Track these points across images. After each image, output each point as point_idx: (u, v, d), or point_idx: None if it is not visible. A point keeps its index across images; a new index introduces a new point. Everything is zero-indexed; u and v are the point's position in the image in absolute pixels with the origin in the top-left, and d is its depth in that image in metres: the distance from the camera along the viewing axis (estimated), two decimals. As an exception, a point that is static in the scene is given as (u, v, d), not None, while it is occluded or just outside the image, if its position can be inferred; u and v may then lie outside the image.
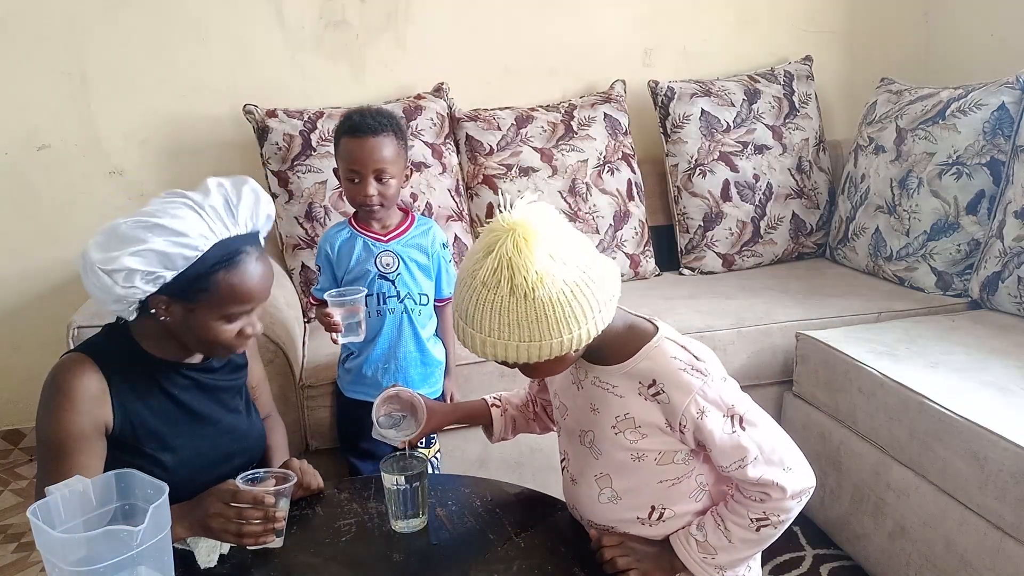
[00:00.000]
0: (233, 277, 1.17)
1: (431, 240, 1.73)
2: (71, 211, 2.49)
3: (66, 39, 2.37)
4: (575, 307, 0.97)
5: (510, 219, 0.97)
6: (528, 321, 0.96)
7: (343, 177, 1.67)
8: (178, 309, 1.17)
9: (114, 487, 1.05)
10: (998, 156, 2.14)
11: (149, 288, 1.13)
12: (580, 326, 0.98)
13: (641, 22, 2.75)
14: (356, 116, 1.64)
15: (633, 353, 1.07)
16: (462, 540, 1.22)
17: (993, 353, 1.80)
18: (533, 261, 0.95)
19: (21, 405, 2.61)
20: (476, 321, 0.99)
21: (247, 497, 1.14)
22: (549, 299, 0.96)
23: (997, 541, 1.46)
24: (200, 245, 1.14)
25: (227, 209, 1.18)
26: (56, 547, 0.93)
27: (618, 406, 1.09)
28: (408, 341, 1.71)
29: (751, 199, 2.56)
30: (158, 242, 1.11)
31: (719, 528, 1.08)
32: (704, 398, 1.03)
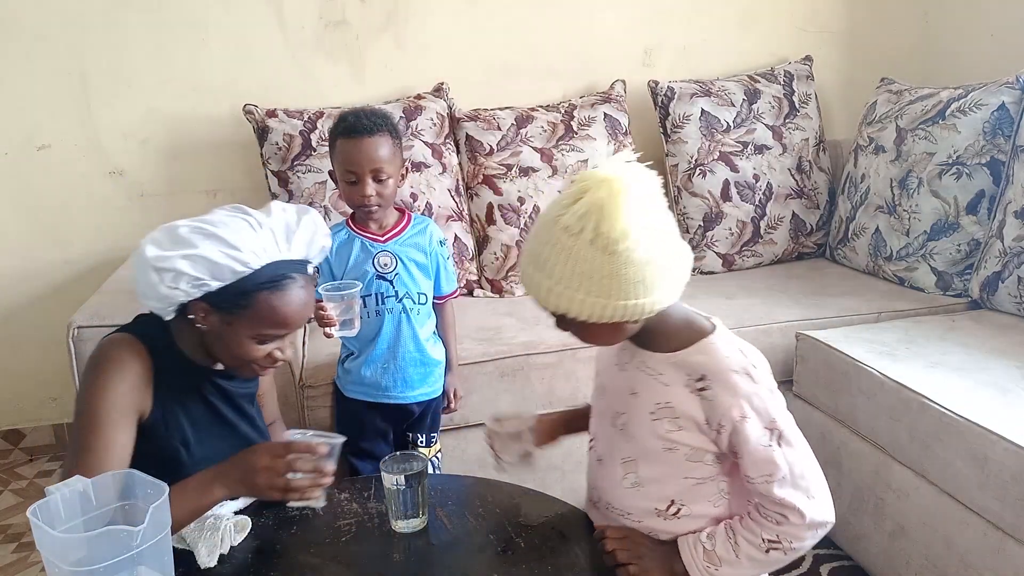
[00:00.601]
0: (275, 299, 1.17)
1: (428, 238, 1.73)
2: (71, 211, 2.49)
3: (66, 39, 2.38)
4: (650, 273, 0.97)
5: (607, 171, 0.97)
6: (601, 276, 0.95)
7: (340, 179, 1.66)
8: (215, 319, 1.18)
9: (114, 487, 1.05)
10: (998, 156, 2.14)
11: (193, 292, 1.14)
12: (648, 294, 0.97)
13: (641, 22, 2.75)
14: (351, 117, 1.63)
15: (687, 345, 1.06)
16: (462, 540, 1.22)
17: (993, 353, 1.80)
18: (623, 214, 0.94)
19: (21, 405, 2.61)
20: (548, 267, 0.98)
21: (300, 447, 1.14)
22: (629, 257, 0.95)
23: (997, 541, 1.46)
24: (251, 262, 1.15)
25: (285, 233, 1.20)
26: (56, 547, 0.93)
27: (660, 394, 1.07)
28: (407, 341, 1.70)
29: (751, 199, 2.56)
30: (211, 250, 1.13)
31: (729, 541, 1.07)
32: (749, 404, 1.02)
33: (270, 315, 1.18)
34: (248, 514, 1.26)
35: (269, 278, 1.17)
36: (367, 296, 1.68)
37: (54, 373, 2.46)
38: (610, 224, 0.94)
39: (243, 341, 1.19)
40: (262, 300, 1.16)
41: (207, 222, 1.16)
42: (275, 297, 1.17)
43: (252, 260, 1.15)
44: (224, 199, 2.57)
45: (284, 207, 1.23)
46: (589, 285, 0.96)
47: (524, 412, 1.31)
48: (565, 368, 1.98)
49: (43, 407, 2.62)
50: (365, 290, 1.66)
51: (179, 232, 1.15)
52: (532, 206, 2.40)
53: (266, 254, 1.17)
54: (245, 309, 1.16)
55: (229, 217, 1.18)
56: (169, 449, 1.21)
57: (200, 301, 1.16)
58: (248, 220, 1.18)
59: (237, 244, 1.14)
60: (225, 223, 1.16)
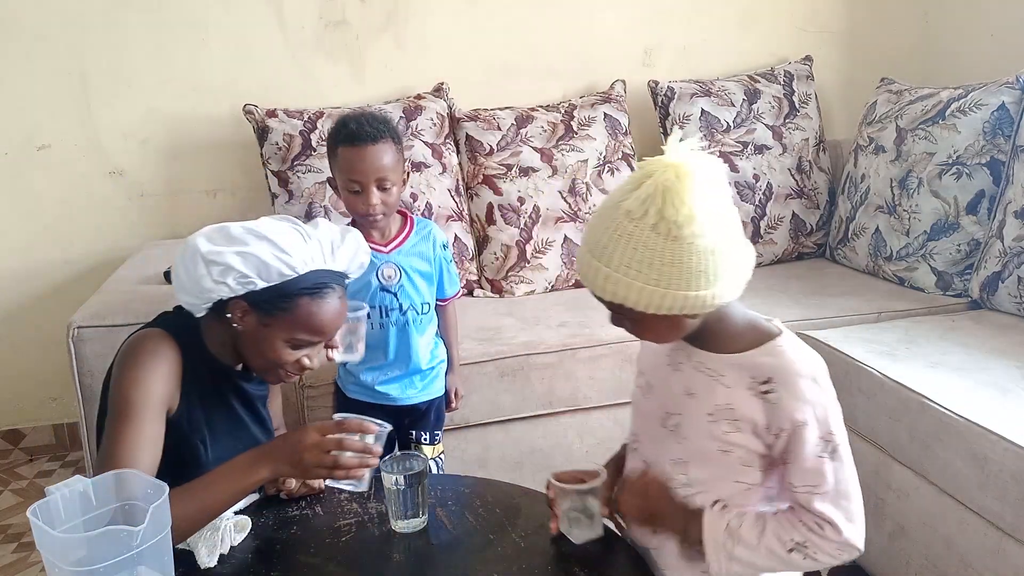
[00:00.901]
0: (314, 306, 1.20)
1: (432, 244, 1.70)
2: (71, 211, 2.49)
3: (66, 39, 2.38)
4: (713, 263, 0.94)
5: (672, 156, 0.94)
6: (662, 263, 0.93)
7: (342, 188, 1.61)
8: (253, 320, 1.20)
9: (114, 487, 1.05)
10: (998, 156, 2.14)
11: (237, 289, 1.16)
12: (710, 286, 0.95)
13: (641, 22, 2.75)
14: (352, 124, 1.58)
15: (752, 346, 1.03)
16: (462, 540, 1.22)
17: (993, 353, 1.80)
18: (688, 199, 0.91)
19: (21, 405, 2.61)
20: (607, 253, 0.95)
21: (352, 426, 1.16)
22: (693, 244, 0.92)
23: (997, 541, 1.46)
24: (298, 266, 1.18)
25: (331, 246, 1.24)
26: (56, 547, 0.93)
27: (721, 395, 1.03)
28: (410, 351, 1.67)
29: (751, 199, 2.56)
30: (263, 250, 1.15)
31: (756, 526, 1.02)
32: (812, 411, 0.99)
33: (307, 320, 1.20)
34: (248, 514, 1.26)
35: (311, 284, 1.19)
36: (370, 308, 1.63)
37: (54, 373, 2.46)
38: (675, 208, 0.91)
39: (277, 344, 1.21)
40: (302, 305, 1.19)
41: (259, 225, 1.20)
42: (314, 304, 1.20)
43: (299, 265, 1.18)
44: (224, 199, 2.57)
45: (329, 224, 1.27)
46: (649, 274, 0.94)
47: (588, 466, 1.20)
48: (565, 368, 1.98)
49: (43, 407, 2.62)
50: (368, 302, 1.62)
51: (231, 231, 1.18)
52: (532, 206, 2.40)
53: (312, 262, 1.20)
54: (284, 312, 1.18)
55: (278, 224, 1.21)
56: (189, 446, 1.21)
57: (240, 300, 1.18)
58: (298, 230, 1.21)
59: (288, 248, 1.17)
60: (276, 229, 1.19)
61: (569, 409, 2.01)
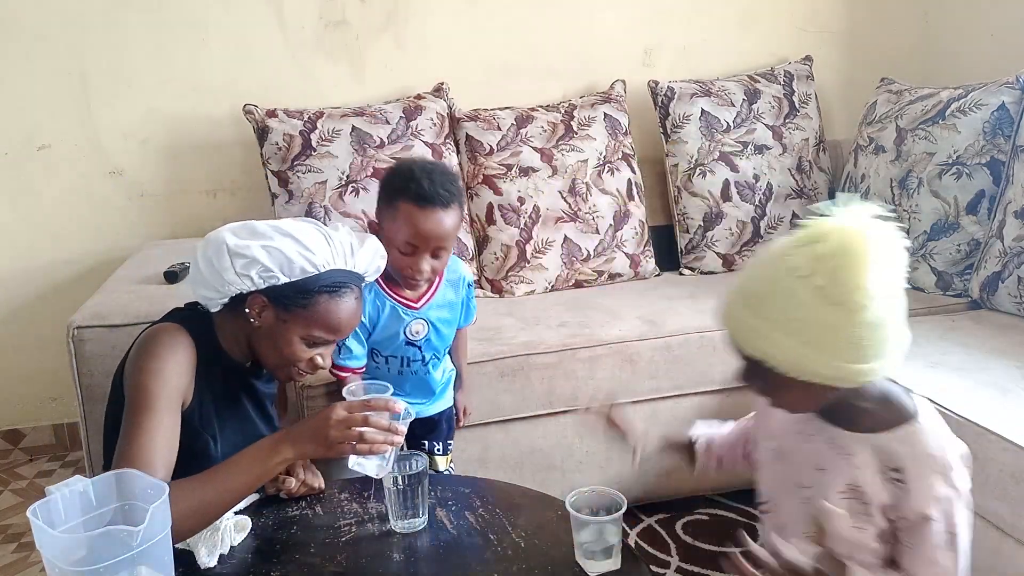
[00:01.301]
0: (332, 304, 1.22)
1: (458, 287, 1.61)
2: (71, 211, 2.49)
3: (66, 39, 2.38)
4: (871, 339, 0.89)
5: (855, 220, 0.90)
6: (821, 327, 0.88)
7: (392, 242, 1.44)
8: (271, 315, 1.21)
9: (114, 487, 1.05)
10: (998, 156, 2.14)
11: (259, 283, 1.18)
12: (862, 361, 0.90)
13: (641, 22, 2.75)
14: (425, 183, 1.41)
15: (887, 427, 0.98)
16: (462, 540, 1.22)
17: (993, 353, 1.80)
18: (866, 269, 0.87)
19: (21, 405, 2.61)
20: (760, 307, 0.92)
21: (379, 403, 1.17)
22: (856, 315, 0.88)
23: (997, 541, 1.46)
24: (320, 265, 1.20)
25: (351, 248, 1.26)
26: (56, 547, 0.93)
27: (850, 475, 0.99)
28: (426, 386, 1.64)
29: (751, 199, 2.56)
30: (288, 246, 1.18)
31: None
32: (939, 507, 0.94)
33: (325, 318, 1.22)
34: (248, 514, 1.26)
35: (331, 282, 1.22)
36: (391, 357, 1.59)
37: (54, 373, 2.46)
38: (849, 275, 0.87)
39: (293, 340, 1.22)
40: (321, 302, 1.21)
41: (284, 224, 1.22)
42: (333, 301, 1.22)
43: (321, 263, 1.20)
44: (224, 199, 2.57)
45: (349, 229, 1.29)
46: (803, 334, 0.89)
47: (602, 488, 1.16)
48: (565, 368, 1.98)
49: (43, 407, 2.62)
50: (391, 352, 1.58)
51: (257, 227, 1.21)
52: (532, 206, 2.40)
53: (334, 261, 1.22)
54: (303, 308, 1.20)
55: (301, 224, 1.24)
56: (200, 441, 1.22)
57: (260, 295, 1.19)
58: (321, 231, 1.24)
59: (311, 246, 1.19)
60: (300, 228, 1.22)
61: (569, 409, 2.01)
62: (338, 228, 1.27)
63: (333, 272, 1.22)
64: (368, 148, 2.31)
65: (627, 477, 2.06)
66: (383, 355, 1.59)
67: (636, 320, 2.09)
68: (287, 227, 1.21)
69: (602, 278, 2.48)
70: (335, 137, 2.29)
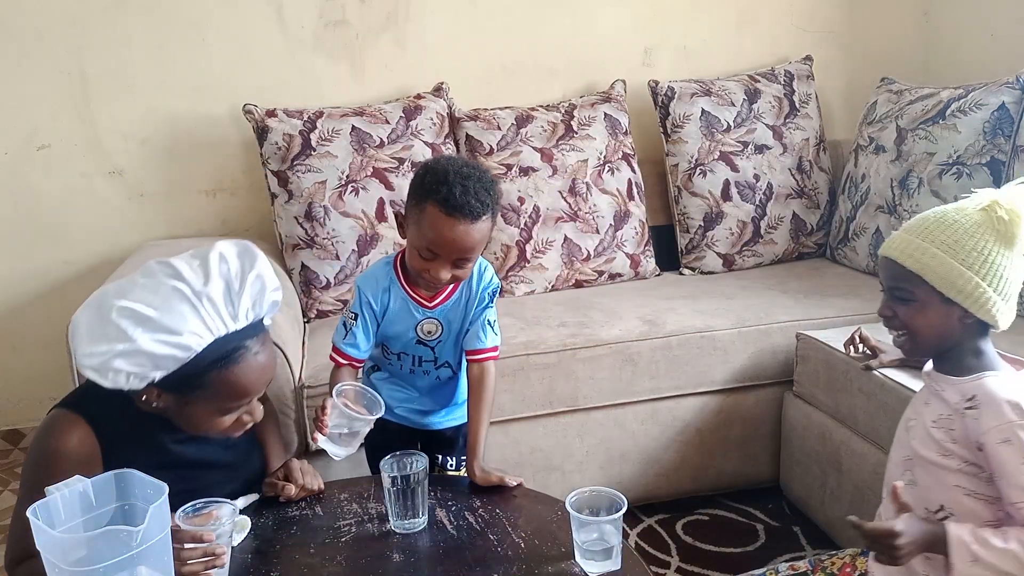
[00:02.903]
0: (230, 375, 1.10)
1: (480, 288, 1.47)
2: (71, 211, 2.49)
3: (66, 39, 2.37)
4: (1009, 274, 1.09)
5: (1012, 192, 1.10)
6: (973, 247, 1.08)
7: (414, 243, 1.36)
8: (171, 399, 1.12)
9: (114, 487, 1.05)
10: (998, 156, 2.14)
11: (138, 384, 1.08)
12: (999, 292, 1.09)
13: (641, 22, 2.75)
14: (458, 189, 1.29)
15: (976, 372, 1.13)
16: (462, 540, 1.22)
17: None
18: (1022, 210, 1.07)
19: (21, 405, 2.61)
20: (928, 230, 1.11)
21: (186, 536, 1.06)
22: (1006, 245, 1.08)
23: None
24: (194, 345, 1.06)
25: (227, 301, 1.09)
26: (56, 547, 0.93)
27: (942, 407, 1.15)
28: (444, 395, 1.57)
29: (751, 199, 2.56)
30: (147, 341, 1.03)
31: (1000, 534, 1.04)
32: (1011, 431, 1.05)
33: (228, 391, 1.11)
34: (248, 514, 1.26)
35: (219, 356, 1.08)
36: (403, 354, 1.50)
37: (54, 373, 2.45)
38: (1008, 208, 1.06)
39: (205, 417, 1.13)
40: (215, 379, 1.09)
41: (139, 299, 1.05)
42: (229, 373, 1.09)
43: (194, 343, 1.06)
44: (224, 199, 2.57)
45: (225, 254, 1.11)
46: (959, 252, 1.08)
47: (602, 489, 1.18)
48: (565, 368, 1.98)
49: (43, 407, 2.58)
50: (402, 349, 1.49)
51: (111, 319, 1.04)
52: (532, 206, 2.40)
53: (209, 333, 1.07)
54: (198, 390, 1.10)
55: (162, 287, 1.06)
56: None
57: (150, 386, 1.09)
58: (183, 291, 1.06)
59: (175, 327, 1.04)
60: (159, 299, 1.05)
61: (569, 409, 2.01)
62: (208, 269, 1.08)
63: (216, 344, 1.07)
64: (368, 148, 2.31)
65: (627, 477, 2.07)
66: (394, 352, 1.51)
67: (636, 320, 2.09)
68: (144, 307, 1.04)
69: (602, 278, 2.48)
70: (335, 137, 2.29)
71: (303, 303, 2.27)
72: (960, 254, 1.09)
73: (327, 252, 2.26)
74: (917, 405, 1.23)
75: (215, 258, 1.10)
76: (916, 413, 1.21)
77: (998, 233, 1.09)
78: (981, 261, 1.08)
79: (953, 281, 1.09)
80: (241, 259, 1.13)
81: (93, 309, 1.08)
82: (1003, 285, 1.09)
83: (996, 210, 1.08)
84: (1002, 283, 1.09)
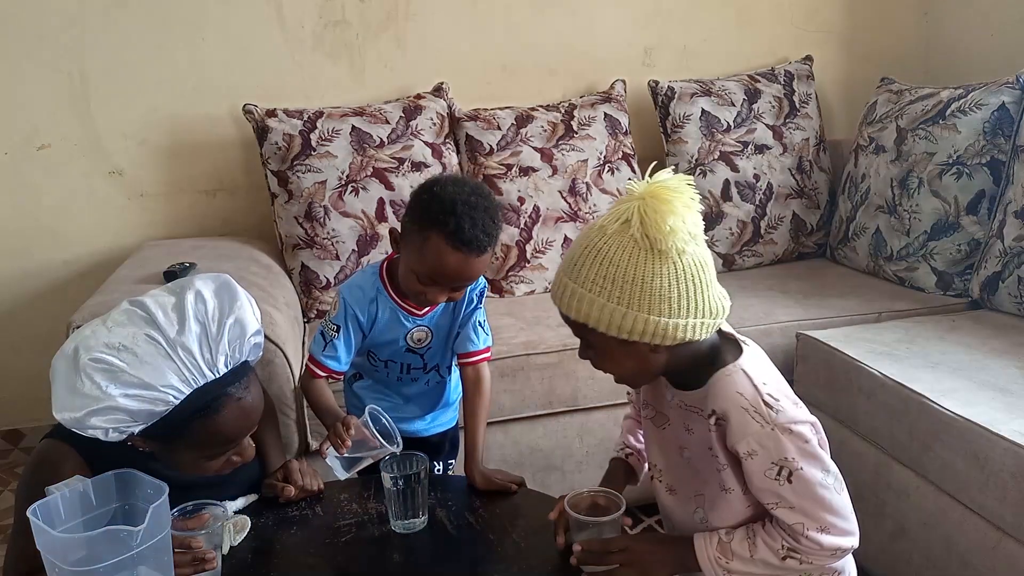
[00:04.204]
0: (212, 425, 1.07)
1: (467, 292, 1.44)
2: (71, 211, 2.49)
3: (66, 39, 2.37)
4: (680, 289, 0.94)
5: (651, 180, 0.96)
6: (627, 280, 0.92)
7: (410, 266, 1.31)
8: (155, 445, 1.10)
9: (114, 487, 1.05)
10: (998, 156, 2.14)
11: (117, 437, 1.05)
12: (674, 316, 0.94)
13: (641, 22, 2.75)
14: (466, 223, 1.24)
15: (706, 381, 1.03)
16: (462, 540, 1.22)
17: (993, 353, 1.79)
18: (665, 216, 0.92)
19: (21, 405, 2.61)
20: (577, 269, 0.96)
21: (174, 542, 1.03)
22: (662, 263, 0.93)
23: (997, 541, 1.46)
24: (170, 398, 1.03)
25: (204, 350, 1.05)
26: (56, 547, 0.93)
27: (703, 428, 1.05)
28: (432, 399, 1.54)
29: (751, 199, 2.56)
30: (120, 397, 1.00)
31: (747, 539, 1.04)
32: (758, 442, 0.98)
33: (211, 438, 1.09)
34: (248, 514, 1.26)
35: (199, 406, 1.05)
36: (391, 362, 1.47)
37: (54, 373, 2.46)
38: (652, 223, 0.92)
39: (190, 462, 1.12)
40: (197, 428, 1.06)
41: (112, 351, 1.01)
42: (211, 422, 1.06)
43: (171, 396, 1.03)
44: (224, 199, 2.57)
45: (202, 292, 1.07)
46: (614, 290, 0.93)
47: (601, 490, 1.16)
48: (565, 368, 1.98)
49: (43, 407, 2.56)
50: (390, 357, 1.47)
51: (84, 372, 1.00)
52: (532, 206, 2.40)
53: (186, 385, 1.04)
54: (180, 439, 1.07)
55: (137, 336, 1.02)
56: None
57: (132, 436, 1.06)
58: (157, 340, 1.02)
59: (150, 381, 1.01)
60: (131, 352, 1.01)
61: (569, 409, 2.01)
62: (185, 314, 1.04)
63: (195, 394, 1.04)
64: (368, 148, 2.31)
65: (627, 477, 2.06)
66: (381, 359, 1.48)
67: (636, 320, 2.09)
68: (117, 359, 1.00)
69: (602, 278, 2.47)
70: (335, 137, 2.29)
71: (303, 303, 2.26)
72: (615, 291, 0.93)
73: (327, 252, 2.26)
74: (680, 431, 1.09)
75: (191, 299, 1.07)
76: (686, 441, 1.09)
77: (647, 251, 0.93)
78: (639, 293, 0.93)
79: (618, 324, 0.94)
80: (219, 297, 1.09)
81: (68, 359, 1.04)
82: (678, 304, 0.94)
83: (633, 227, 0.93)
84: (675, 303, 0.93)
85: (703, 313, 0.96)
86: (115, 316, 1.07)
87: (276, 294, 2.00)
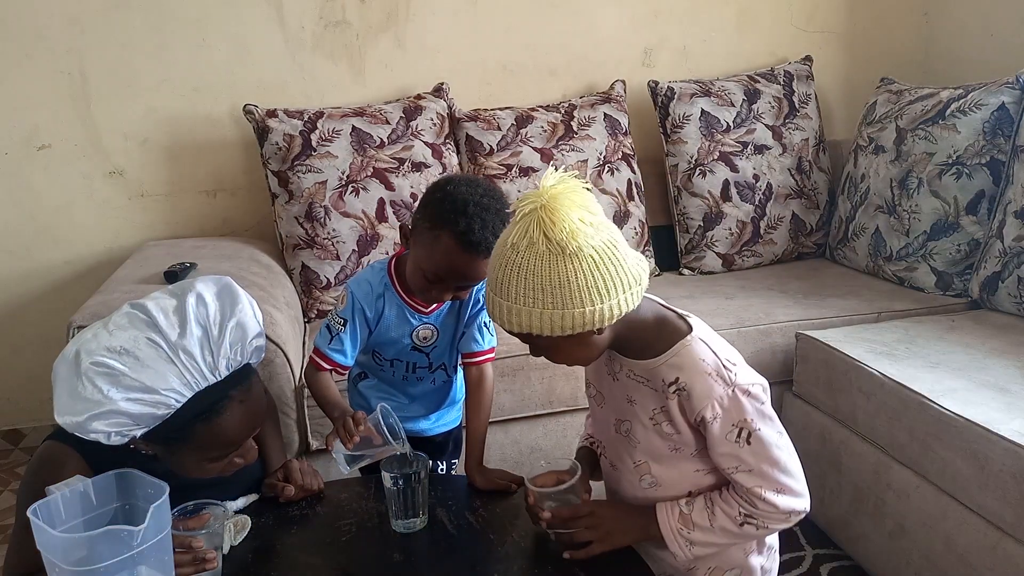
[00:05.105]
0: (214, 427, 1.07)
1: (473, 290, 1.42)
2: (71, 211, 2.49)
3: (66, 39, 2.37)
4: (601, 275, 0.97)
5: (542, 187, 0.99)
6: (552, 286, 0.96)
7: (420, 264, 1.31)
8: (158, 448, 1.10)
9: (114, 487, 1.05)
10: (998, 156, 2.14)
11: (120, 440, 1.05)
12: (604, 299, 0.97)
13: (641, 22, 2.75)
14: (477, 224, 1.25)
15: (664, 350, 1.08)
16: (462, 540, 1.22)
17: (993, 353, 1.80)
18: (564, 220, 0.95)
19: (21, 405, 2.61)
20: (504, 287, 0.99)
21: (175, 542, 1.03)
22: (576, 261, 0.96)
23: (997, 541, 1.46)
24: (172, 402, 1.03)
25: (205, 353, 1.05)
26: (56, 547, 0.93)
27: (653, 399, 1.10)
28: (435, 399, 1.54)
29: (751, 199, 2.56)
30: (122, 401, 1.00)
31: (706, 509, 1.10)
32: (720, 405, 1.04)
33: (213, 441, 1.09)
34: (248, 514, 1.26)
35: (201, 409, 1.05)
36: (396, 361, 1.47)
37: (54, 373, 2.46)
38: (553, 232, 0.95)
39: (194, 464, 1.11)
40: (199, 430, 1.06)
41: (113, 351, 1.01)
42: (213, 425, 1.07)
43: (172, 399, 1.03)
44: (224, 199, 2.57)
45: (203, 295, 1.08)
46: (544, 297, 0.97)
47: (562, 463, 1.20)
48: (565, 368, 1.96)
49: (43, 407, 2.60)
50: (395, 356, 1.46)
51: (85, 376, 1.00)
52: (532, 206, 2.39)
53: (188, 388, 1.04)
54: (183, 442, 1.07)
55: (138, 339, 1.03)
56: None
57: (134, 439, 1.07)
58: (158, 343, 1.02)
59: (152, 385, 1.01)
60: (133, 355, 1.01)
61: (569, 409, 2.01)
62: (187, 322, 1.04)
63: (196, 397, 1.05)
64: (368, 148, 2.31)
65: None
66: (386, 358, 1.48)
67: (636, 320, 2.09)
68: (119, 362, 1.00)
69: (602, 278, 2.47)
70: (335, 137, 2.29)
71: (303, 303, 2.26)
72: (545, 298, 0.96)
73: (327, 252, 2.26)
74: (622, 404, 1.13)
75: (192, 301, 1.07)
76: (624, 413, 1.14)
77: (558, 256, 0.96)
78: (567, 292, 0.96)
79: (560, 324, 0.97)
80: (220, 300, 1.10)
81: (69, 363, 1.04)
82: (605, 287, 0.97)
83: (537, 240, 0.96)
84: (602, 288, 0.97)
85: (628, 285, 1.00)
86: (116, 319, 1.07)
87: (276, 294, 2.00)
